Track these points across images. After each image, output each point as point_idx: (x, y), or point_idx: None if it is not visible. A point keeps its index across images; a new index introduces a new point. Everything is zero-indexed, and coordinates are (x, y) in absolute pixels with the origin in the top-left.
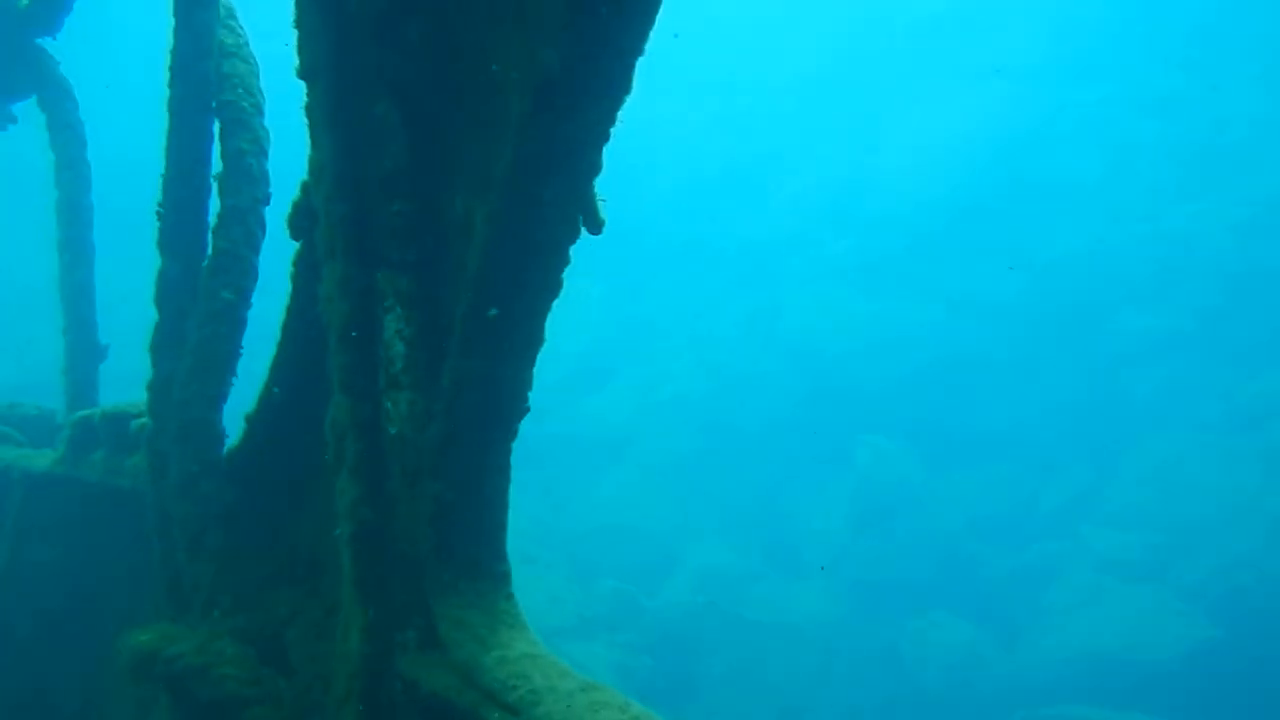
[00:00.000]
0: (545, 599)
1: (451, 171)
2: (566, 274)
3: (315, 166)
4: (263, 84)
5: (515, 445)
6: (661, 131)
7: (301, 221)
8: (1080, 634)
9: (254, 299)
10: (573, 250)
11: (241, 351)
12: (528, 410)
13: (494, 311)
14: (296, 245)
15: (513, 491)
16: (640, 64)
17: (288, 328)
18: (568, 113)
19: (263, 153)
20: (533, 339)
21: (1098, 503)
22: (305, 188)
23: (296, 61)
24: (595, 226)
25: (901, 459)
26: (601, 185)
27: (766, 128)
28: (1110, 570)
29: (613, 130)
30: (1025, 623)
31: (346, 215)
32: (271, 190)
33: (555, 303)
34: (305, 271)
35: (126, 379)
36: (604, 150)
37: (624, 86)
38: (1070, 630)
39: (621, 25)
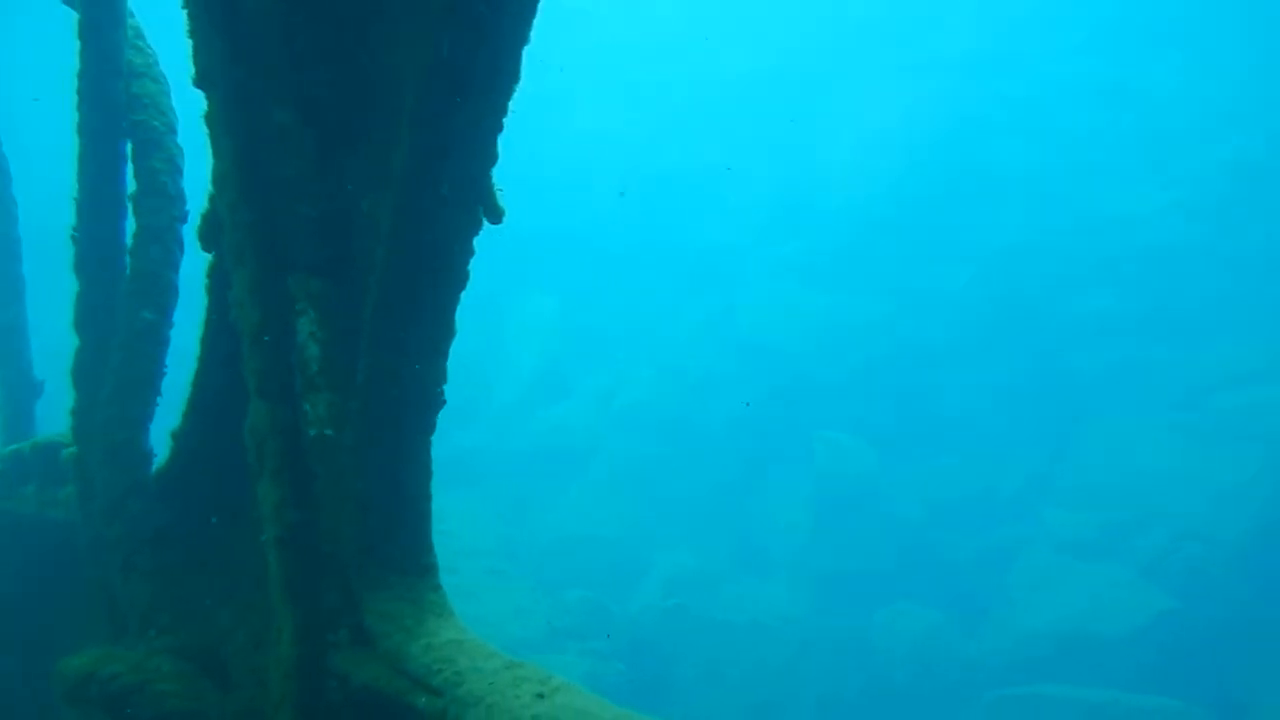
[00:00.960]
0: (513, 611)
1: (356, 171)
2: (519, 288)
3: (218, 175)
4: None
5: (477, 461)
6: (607, 140)
7: (211, 233)
8: (1042, 613)
9: (178, 317)
10: (532, 264)
11: (166, 371)
12: (444, 403)
13: (402, 306)
14: (210, 257)
15: (480, 506)
16: (586, 73)
17: (207, 341)
18: (457, 102)
19: (177, 171)
20: (443, 332)
21: (1053, 484)
22: (213, 199)
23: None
24: (495, 217)
25: (860, 452)
26: (555, 193)
27: (710, 131)
28: (1068, 550)
29: (505, 120)
30: (989, 606)
31: (252, 222)
32: (189, 208)
33: (510, 318)
34: (219, 283)
35: (65, 411)
36: (498, 140)
37: (512, 75)
38: (1032, 610)
39: (504, 14)
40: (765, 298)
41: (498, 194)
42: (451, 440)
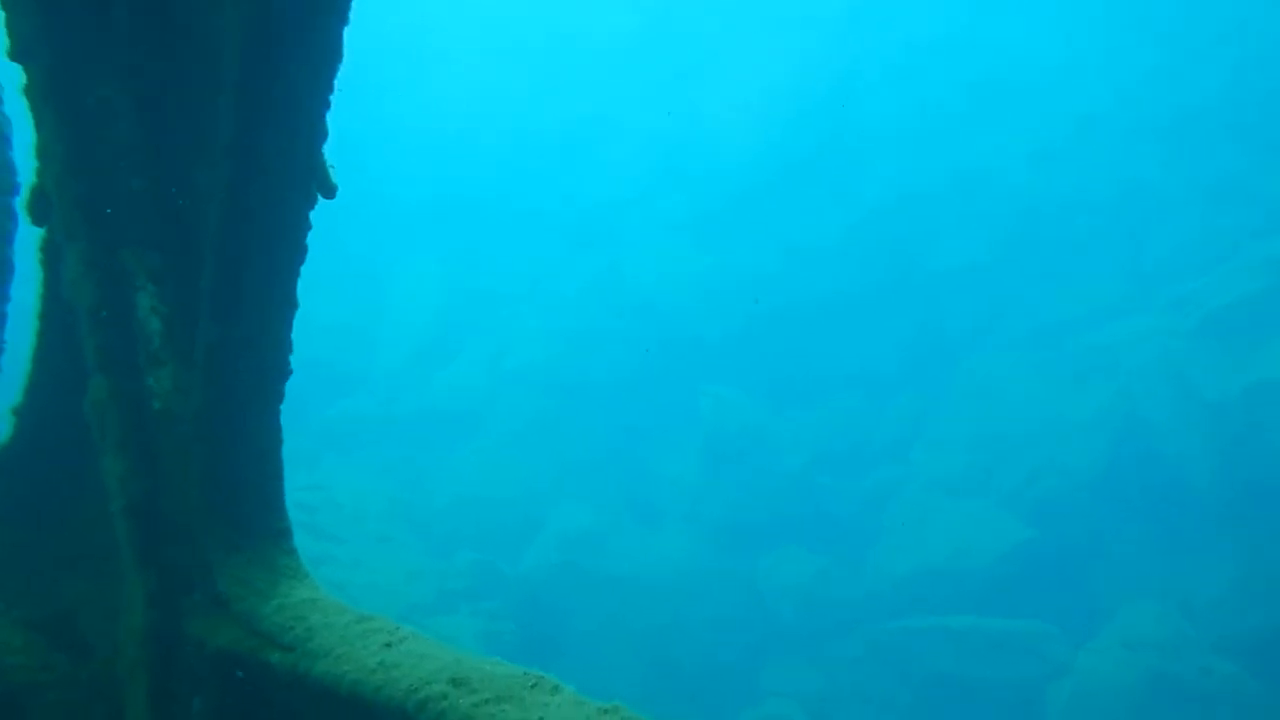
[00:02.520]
0: (404, 576)
1: (185, 144)
2: (401, 251)
3: (41, 149)
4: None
5: (364, 427)
6: (487, 100)
7: (40, 207)
8: (915, 551)
9: (16, 291)
10: (416, 227)
11: (4, 346)
12: (290, 373)
13: (238, 279)
14: (41, 231)
15: (368, 473)
16: (464, 32)
17: (45, 316)
18: (276, 77)
19: (5, 142)
20: (285, 303)
21: (925, 428)
22: (39, 173)
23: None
24: (329, 192)
25: (744, 404)
26: (434, 156)
27: (591, 89)
28: (938, 488)
29: (330, 98)
30: (867, 547)
31: (81, 196)
32: (19, 180)
33: (394, 282)
34: (53, 257)
35: None
36: (326, 118)
37: (333, 53)
38: (906, 549)
39: None
40: (650, 255)
41: (330, 170)
42: (337, 407)
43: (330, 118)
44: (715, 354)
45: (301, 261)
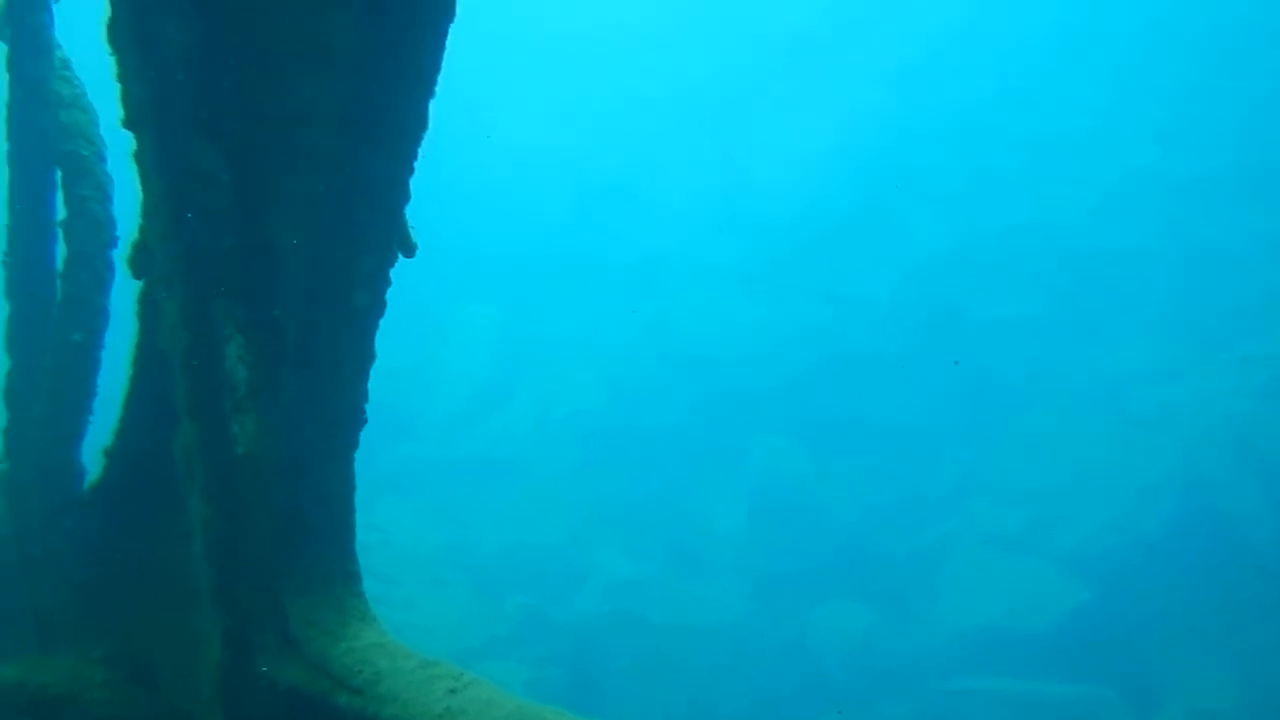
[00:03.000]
0: (454, 620)
1: (277, 204)
2: (459, 299)
3: (148, 209)
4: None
5: (419, 471)
6: (543, 151)
7: (142, 262)
8: (970, 609)
9: (109, 339)
10: (473, 275)
11: (97, 391)
12: (365, 422)
13: (323, 333)
14: (140, 283)
15: (423, 516)
16: (518, 85)
17: (138, 363)
18: (368, 148)
19: (106, 198)
20: (364, 356)
21: (980, 482)
22: (142, 229)
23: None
24: (409, 251)
25: (794, 455)
26: (491, 205)
27: (645, 141)
28: (994, 544)
29: (415, 164)
30: (920, 602)
31: (180, 253)
32: (118, 233)
33: (450, 328)
34: (149, 308)
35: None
36: (409, 181)
37: (420, 124)
38: (961, 606)
39: (409, 73)
40: (701, 306)
41: (410, 230)
42: (394, 451)
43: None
44: (765, 404)
45: (380, 316)
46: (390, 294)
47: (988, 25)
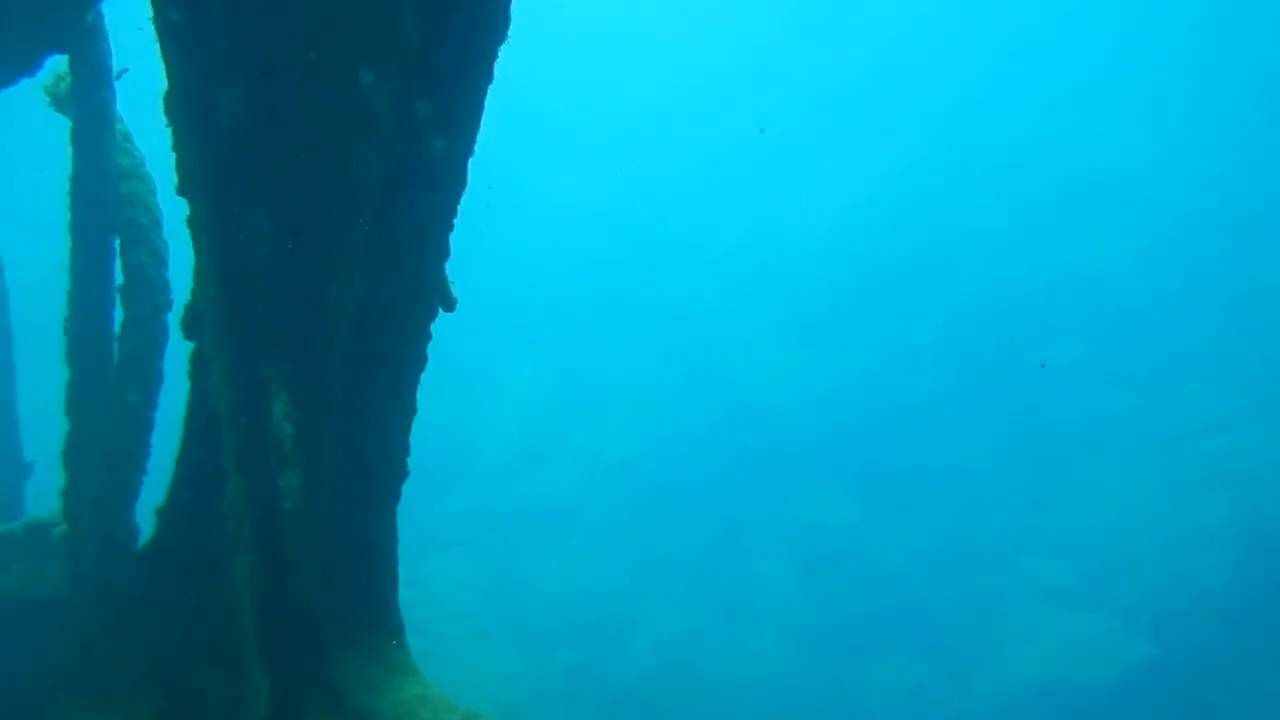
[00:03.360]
0: (501, 676)
1: (322, 264)
2: (503, 354)
3: (199, 272)
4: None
5: (464, 525)
6: (587, 205)
7: (193, 323)
8: (1026, 663)
9: (161, 399)
10: (516, 330)
11: (151, 451)
12: (407, 475)
13: (366, 388)
14: (192, 345)
15: (468, 570)
16: (564, 140)
17: (189, 423)
18: (411, 209)
19: (163, 263)
20: (406, 410)
21: (1035, 533)
22: (194, 293)
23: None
24: (449, 305)
25: (843, 505)
26: (534, 258)
27: (689, 193)
28: (1051, 598)
29: (455, 221)
30: (974, 657)
31: (230, 315)
32: (173, 297)
33: (490, 381)
34: (200, 369)
35: (54, 492)
36: (449, 238)
37: (459, 182)
38: (1016, 660)
39: (449, 133)
40: (746, 356)
41: (450, 285)
42: (439, 505)
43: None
44: (813, 454)
45: (421, 370)
46: (434, 348)
47: (1032, 73)
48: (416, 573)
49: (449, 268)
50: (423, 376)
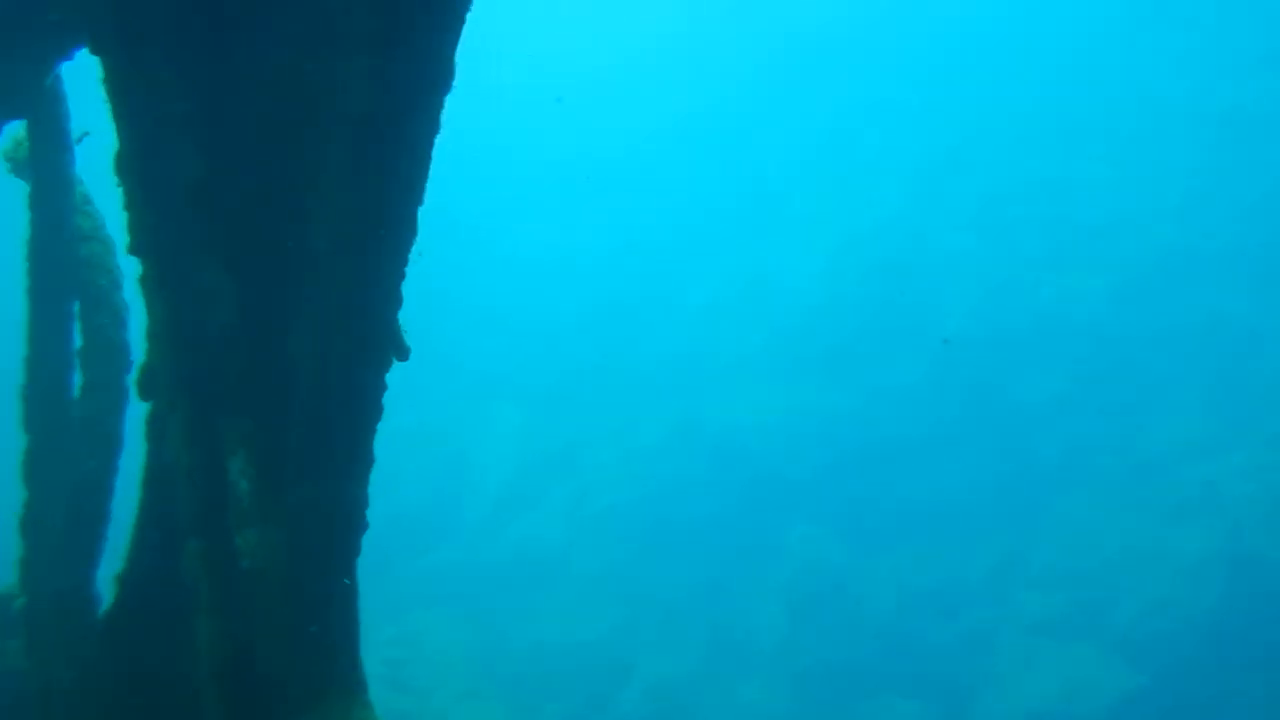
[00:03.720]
0: None
1: (277, 320)
2: (483, 403)
3: (151, 332)
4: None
5: (450, 581)
6: (566, 254)
7: (149, 384)
8: (1020, 697)
9: (121, 463)
10: (499, 380)
11: (111, 516)
12: (367, 527)
13: (323, 441)
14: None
15: (454, 625)
16: (540, 190)
17: (147, 486)
18: (363, 261)
19: (122, 325)
20: (362, 460)
21: (1022, 566)
22: (149, 352)
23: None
24: (402, 355)
25: (831, 545)
26: (515, 310)
27: (667, 238)
28: (1041, 631)
29: (406, 271)
30: (966, 692)
31: (184, 372)
32: (134, 359)
33: (475, 434)
34: (157, 430)
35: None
36: (402, 288)
37: (410, 232)
38: (1010, 695)
39: (397, 187)
40: (730, 399)
41: (404, 334)
42: (424, 559)
43: (412, 278)
44: (799, 495)
45: (378, 420)
46: (416, 405)
47: (1008, 114)
48: (403, 630)
49: (436, 323)
50: (406, 428)
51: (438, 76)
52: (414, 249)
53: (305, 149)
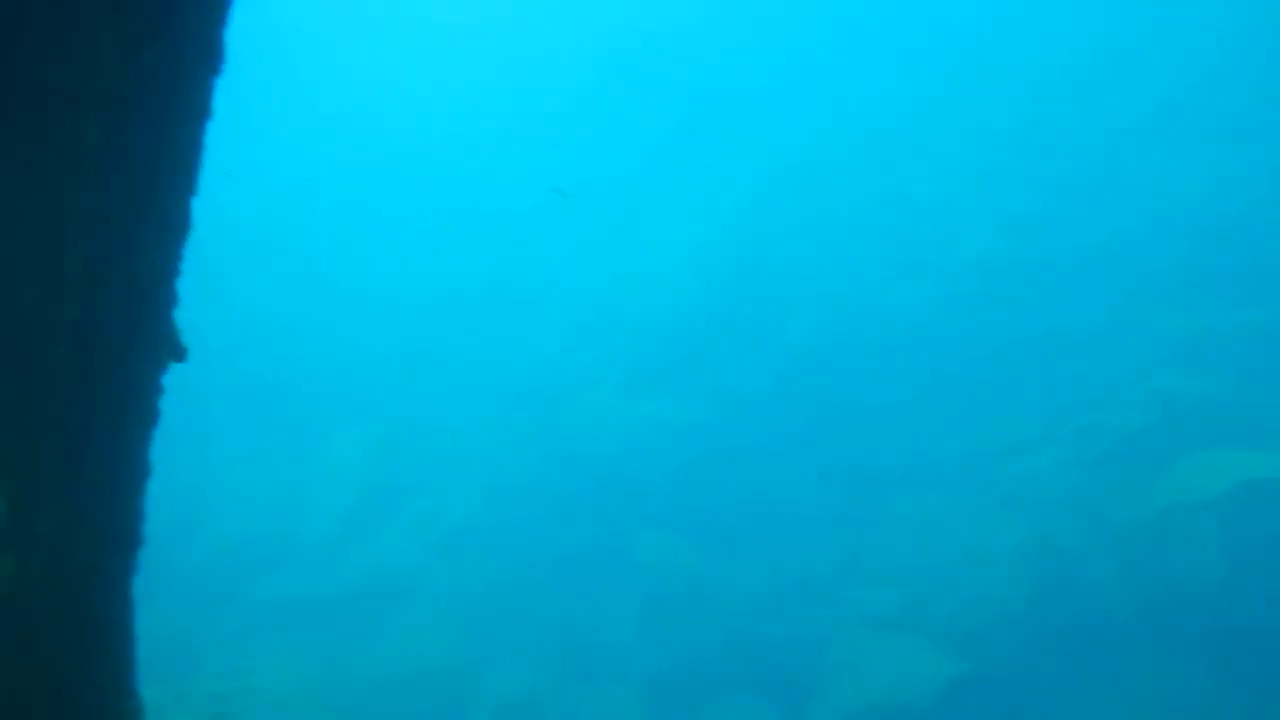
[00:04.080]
0: None
1: (35, 329)
2: (324, 425)
3: None
4: None
5: (285, 612)
6: (420, 260)
7: None
8: (857, 690)
9: None
10: (343, 394)
11: None
12: (142, 542)
13: (86, 450)
14: None
15: (290, 657)
16: (388, 189)
17: None
18: (122, 249)
19: None
20: (138, 471)
21: (860, 564)
22: None
23: None
24: (179, 356)
25: (681, 551)
26: (364, 316)
27: (520, 245)
28: (875, 625)
29: (181, 266)
30: (809, 688)
31: None
32: None
33: (313, 457)
34: None
35: None
36: (176, 285)
37: (185, 224)
38: (849, 688)
39: (169, 172)
40: (582, 406)
41: (180, 335)
42: (256, 590)
43: (270, 282)
44: (649, 501)
45: (154, 426)
46: (245, 429)
47: (850, 125)
48: (232, 664)
49: (281, 337)
50: (244, 445)
51: (202, 57)
52: (188, 243)
53: (68, 134)
